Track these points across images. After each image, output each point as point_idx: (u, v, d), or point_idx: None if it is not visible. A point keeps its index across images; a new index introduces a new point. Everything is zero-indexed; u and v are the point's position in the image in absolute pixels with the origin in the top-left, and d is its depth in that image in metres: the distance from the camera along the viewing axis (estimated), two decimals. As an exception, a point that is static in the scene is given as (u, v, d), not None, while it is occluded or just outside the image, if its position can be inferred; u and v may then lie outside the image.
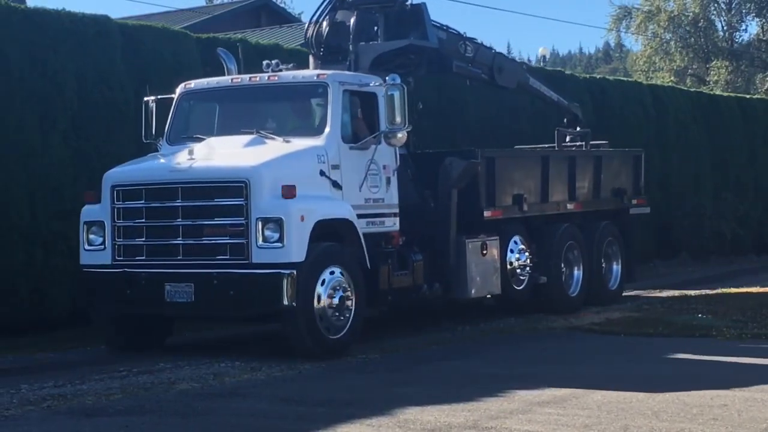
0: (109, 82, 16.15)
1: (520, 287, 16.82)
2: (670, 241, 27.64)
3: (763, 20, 55.03)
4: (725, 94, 35.90)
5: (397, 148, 14.52)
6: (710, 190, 28.91)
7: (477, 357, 13.52)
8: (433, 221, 15.40)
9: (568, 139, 19.64)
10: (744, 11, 55.14)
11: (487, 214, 16.20)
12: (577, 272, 17.90)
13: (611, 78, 31.12)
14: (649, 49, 54.39)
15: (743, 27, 58.15)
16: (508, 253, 16.62)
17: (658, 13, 53.33)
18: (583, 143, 19.67)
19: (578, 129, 19.87)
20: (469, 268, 15.62)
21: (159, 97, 14.66)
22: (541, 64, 44.17)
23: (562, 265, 17.50)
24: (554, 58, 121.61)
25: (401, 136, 14.05)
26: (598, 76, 29.53)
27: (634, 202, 19.89)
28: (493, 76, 17.89)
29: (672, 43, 54.01)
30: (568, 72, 28.22)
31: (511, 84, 18.50)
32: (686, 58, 54.05)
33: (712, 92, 35.58)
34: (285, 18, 42.64)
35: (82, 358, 13.57)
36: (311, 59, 15.76)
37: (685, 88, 35.94)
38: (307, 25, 16.19)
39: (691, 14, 53.28)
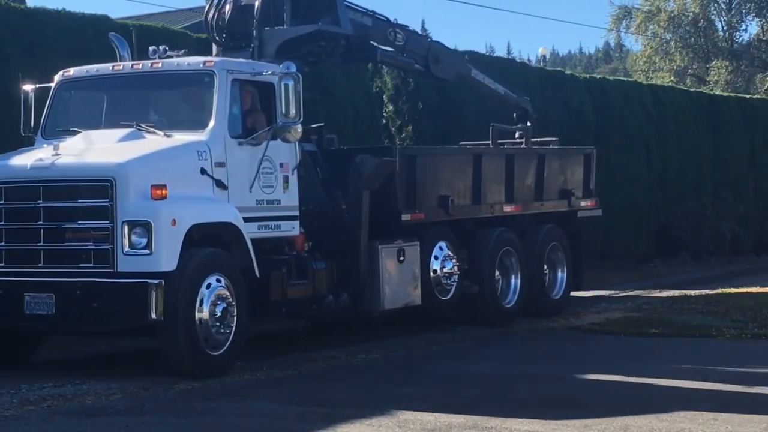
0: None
1: (446, 297, 15.29)
2: (670, 241, 27.64)
3: (763, 20, 55.00)
4: (725, 94, 35.89)
5: (301, 145, 13.36)
6: (710, 190, 28.92)
7: (477, 357, 13.52)
8: (344, 225, 14.14)
9: (516, 135, 18.04)
10: (744, 11, 55.12)
11: (405, 217, 14.76)
12: (515, 281, 16.45)
13: (611, 78, 31.14)
14: (649, 49, 54.37)
15: (743, 27, 58.08)
16: (432, 260, 15.11)
17: (658, 13, 53.31)
18: (526, 140, 18.08)
19: (529, 125, 18.38)
20: (383, 277, 14.22)
21: (39, 86, 13.37)
22: (541, 64, 44.18)
23: (497, 273, 16.14)
24: (554, 58, 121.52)
25: (296, 131, 12.67)
26: (598, 76, 29.54)
27: (584, 204, 18.38)
28: (429, 67, 16.59)
29: (672, 43, 53.99)
30: (568, 72, 28.21)
31: (450, 75, 17.33)
32: (686, 58, 54.02)
33: (712, 92, 35.58)
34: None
35: None
36: (214, 47, 14.60)
37: (685, 88, 35.94)
38: (207, 7, 14.84)
39: (691, 14, 53.26)
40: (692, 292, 20.06)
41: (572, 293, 17.83)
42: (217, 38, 14.54)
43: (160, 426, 9.63)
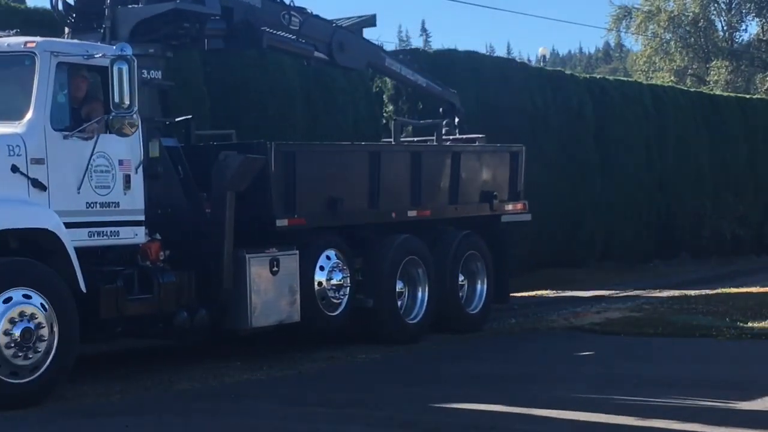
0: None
1: (335, 313, 13.66)
2: (670, 241, 27.66)
3: (763, 20, 55.03)
4: (725, 94, 35.92)
5: (158, 139, 12.05)
6: (710, 190, 28.94)
7: (477, 357, 13.52)
8: (207, 232, 12.38)
9: (444, 131, 16.53)
10: (744, 11, 55.16)
11: (281, 222, 13.12)
12: (422, 293, 14.74)
13: (611, 78, 31.14)
14: (649, 49, 54.41)
15: (743, 27, 58.27)
16: (317, 271, 13.47)
17: (658, 13, 53.34)
18: (440, 136, 16.37)
19: (457, 120, 16.92)
20: (251, 291, 12.58)
21: None
22: (541, 64, 44.18)
23: (400, 285, 14.53)
24: (554, 58, 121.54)
25: (131, 123, 10.94)
26: (598, 76, 29.55)
27: (510, 207, 16.57)
28: (332, 54, 15.17)
29: (672, 43, 54.02)
30: (568, 72, 28.23)
31: (358, 64, 15.98)
32: (686, 58, 54.06)
33: (712, 92, 35.60)
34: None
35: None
36: (66, 29, 12.92)
37: (685, 88, 35.96)
38: None
39: (691, 14, 53.29)
40: (692, 292, 20.05)
41: (569, 293, 17.65)
42: (67, 19, 12.91)
43: (160, 426, 9.63)
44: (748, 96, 35.84)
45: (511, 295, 17.21)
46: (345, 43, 15.42)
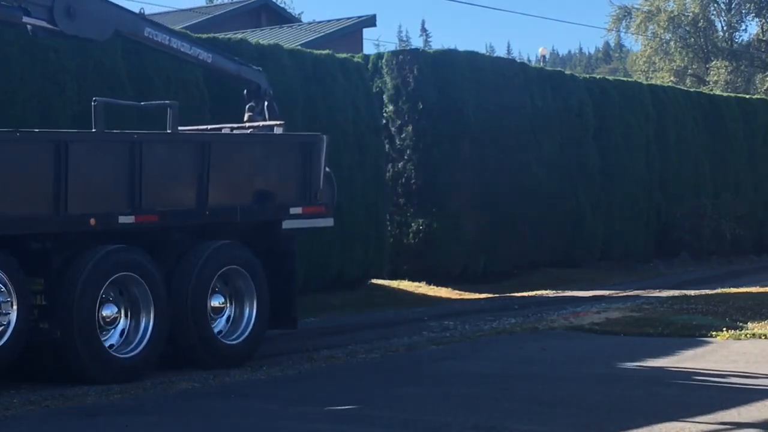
0: (110, 83, 16.15)
1: None
2: (670, 241, 27.68)
3: (763, 20, 55.08)
4: (725, 94, 35.97)
5: None
6: (710, 190, 28.97)
7: (477, 357, 13.52)
8: None
9: (246, 117, 14.17)
10: (744, 11, 55.24)
11: None
12: (146, 320, 11.75)
13: (611, 78, 31.19)
14: (648, 49, 54.49)
15: (743, 27, 58.50)
16: None
17: (657, 13, 53.42)
18: (255, 123, 14.02)
19: (266, 104, 14.27)
20: None
21: None
22: (541, 64, 44.20)
23: (110, 311, 11.58)
24: (554, 58, 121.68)
25: None
26: (598, 76, 29.59)
27: (296, 211, 13.30)
28: (55, 20, 12.36)
29: (672, 43, 54.10)
30: (568, 72, 28.26)
31: (98, 34, 12.92)
32: (686, 58, 54.13)
33: (712, 92, 35.64)
34: (285, 18, 42.74)
35: None
36: None
37: (685, 88, 36.02)
38: None
39: (690, 14, 53.35)
40: (692, 292, 20.05)
41: (569, 293, 17.50)
42: None
43: (160, 426, 9.63)
44: (748, 96, 35.87)
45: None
46: (75, 7, 12.51)
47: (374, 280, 20.94)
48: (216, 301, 12.56)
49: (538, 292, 21.29)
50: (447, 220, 22.01)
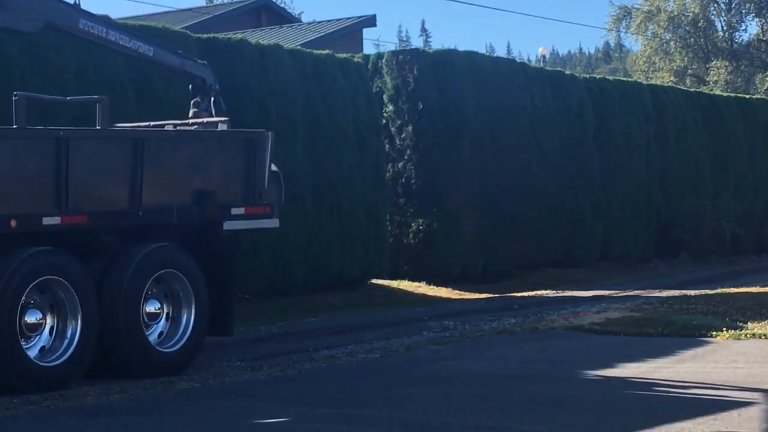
0: (110, 82, 16.15)
1: None
2: (670, 241, 27.70)
3: (763, 20, 55.09)
4: (725, 94, 35.99)
5: None
6: (710, 190, 28.99)
7: (477, 357, 13.51)
8: None
9: (191, 113, 13.54)
10: (744, 11, 55.25)
11: None
12: (72, 328, 11.18)
13: (611, 78, 31.21)
14: (648, 49, 54.51)
15: (743, 27, 58.54)
16: None
17: (657, 13, 53.43)
18: (206, 119, 13.36)
19: (212, 99, 13.54)
20: None
21: None
22: (541, 64, 44.22)
23: (34, 317, 11.01)
24: (554, 58, 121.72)
25: None
26: (598, 76, 29.60)
27: (238, 212, 12.72)
28: None
29: (672, 43, 54.12)
30: (568, 72, 28.27)
31: (30, 26, 12.27)
32: (686, 58, 54.14)
33: (712, 92, 35.66)
34: (285, 18, 42.76)
35: None
36: None
37: (685, 88, 36.03)
38: None
39: (690, 14, 53.36)
40: (692, 292, 20.04)
41: (569, 293, 17.42)
42: None
43: (160, 426, 9.63)
44: (748, 96, 35.89)
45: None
46: None
47: (374, 280, 20.94)
48: (151, 307, 12.01)
49: (538, 292, 21.29)
50: (447, 220, 22.01)
